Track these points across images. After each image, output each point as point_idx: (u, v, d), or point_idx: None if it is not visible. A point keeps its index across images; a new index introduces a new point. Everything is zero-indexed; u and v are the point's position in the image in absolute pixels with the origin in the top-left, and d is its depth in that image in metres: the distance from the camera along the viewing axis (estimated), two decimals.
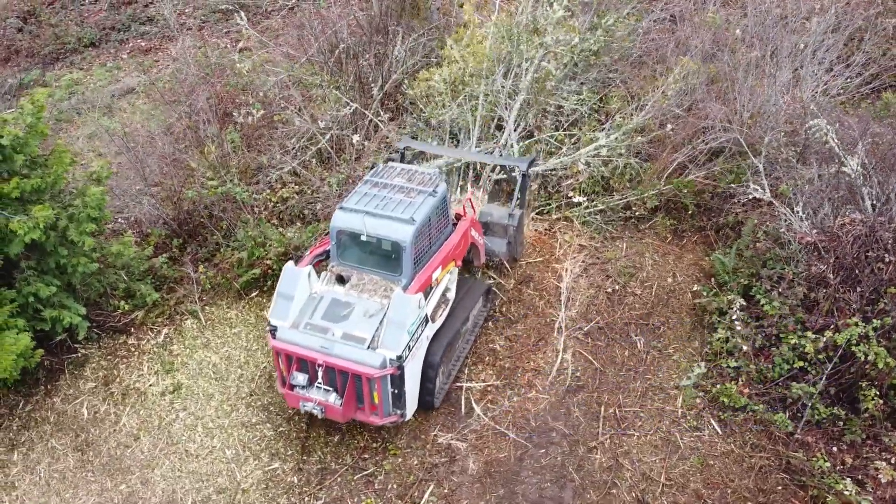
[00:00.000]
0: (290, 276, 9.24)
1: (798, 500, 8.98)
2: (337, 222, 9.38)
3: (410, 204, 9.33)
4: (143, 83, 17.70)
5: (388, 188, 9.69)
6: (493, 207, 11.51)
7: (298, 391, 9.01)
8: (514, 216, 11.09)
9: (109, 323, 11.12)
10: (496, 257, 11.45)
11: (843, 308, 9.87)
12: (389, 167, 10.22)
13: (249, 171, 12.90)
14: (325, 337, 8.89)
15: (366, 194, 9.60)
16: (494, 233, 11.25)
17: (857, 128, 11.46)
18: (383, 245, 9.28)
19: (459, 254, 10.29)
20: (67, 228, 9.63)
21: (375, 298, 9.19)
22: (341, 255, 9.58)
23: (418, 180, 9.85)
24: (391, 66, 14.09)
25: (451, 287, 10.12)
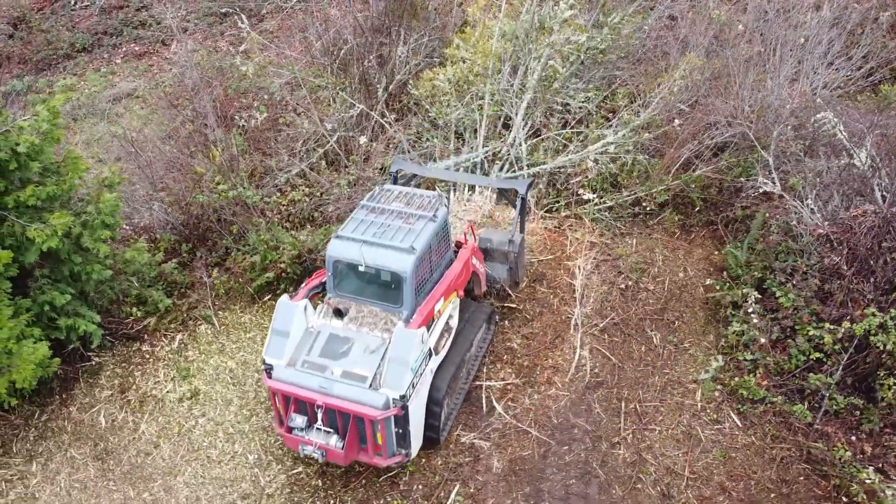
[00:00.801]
0: (284, 311, 8.76)
1: (820, 490, 9.07)
2: (333, 252, 8.87)
3: (410, 231, 8.86)
4: (140, 88, 17.56)
5: (386, 214, 9.20)
6: (493, 232, 11.05)
7: (297, 433, 8.60)
8: (514, 242, 10.63)
9: (122, 330, 11.02)
10: (497, 284, 11.02)
11: (857, 299, 9.97)
12: (386, 190, 9.73)
13: (257, 175, 12.82)
14: (323, 376, 8.45)
15: (363, 221, 9.10)
16: (495, 259, 10.83)
17: (862, 120, 11.62)
18: (382, 275, 8.82)
19: (461, 283, 9.81)
20: (81, 236, 9.53)
21: (376, 332, 8.75)
22: (338, 286, 9.07)
23: (417, 204, 9.38)
24: (394, 66, 14.07)
25: (453, 314, 9.66)
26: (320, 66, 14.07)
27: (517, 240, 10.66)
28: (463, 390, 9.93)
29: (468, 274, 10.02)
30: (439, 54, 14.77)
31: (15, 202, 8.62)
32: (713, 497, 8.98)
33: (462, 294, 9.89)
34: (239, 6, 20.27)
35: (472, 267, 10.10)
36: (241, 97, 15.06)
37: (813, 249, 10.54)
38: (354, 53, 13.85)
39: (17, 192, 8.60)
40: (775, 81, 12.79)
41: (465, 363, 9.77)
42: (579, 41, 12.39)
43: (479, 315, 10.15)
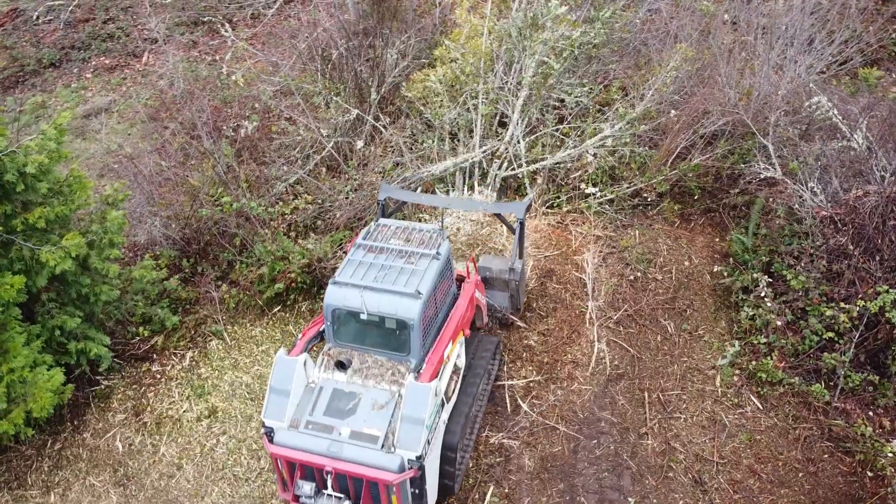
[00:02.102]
0: (282, 368, 8.05)
1: (845, 467, 9.25)
2: (331, 300, 8.19)
3: (413, 273, 8.27)
4: (117, 102, 17.11)
5: (386, 253, 8.57)
6: (492, 259, 10.50)
7: (305, 501, 7.91)
8: (515, 270, 10.10)
9: (129, 351, 10.72)
10: (499, 313, 10.56)
11: (865, 277, 10.21)
12: (383, 226, 9.11)
13: (254, 184, 12.59)
14: (331, 437, 7.76)
15: (361, 263, 8.44)
16: (495, 287, 10.35)
17: (852, 102, 11.92)
18: (387, 323, 8.20)
19: (467, 321, 9.28)
20: (88, 256, 9.22)
21: (383, 385, 8.12)
22: (338, 335, 8.43)
23: (418, 240, 8.78)
24: (384, 70, 13.94)
25: (460, 354, 9.08)
26: (312, 71, 13.85)
27: (518, 267, 10.11)
28: (474, 430, 9.38)
29: (473, 310, 9.54)
30: (427, 55, 14.70)
31: (23, 225, 8.29)
32: (744, 480, 9.10)
33: (468, 333, 9.36)
34: (210, 15, 19.92)
35: (476, 300, 9.60)
36: (226, 107, 14.79)
37: (817, 231, 10.75)
38: (345, 58, 13.68)
39: (24, 215, 8.26)
40: (762, 69, 13.03)
41: (476, 401, 9.25)
42: (573, 37, 12.43)
43: (485, 350, 9.72)
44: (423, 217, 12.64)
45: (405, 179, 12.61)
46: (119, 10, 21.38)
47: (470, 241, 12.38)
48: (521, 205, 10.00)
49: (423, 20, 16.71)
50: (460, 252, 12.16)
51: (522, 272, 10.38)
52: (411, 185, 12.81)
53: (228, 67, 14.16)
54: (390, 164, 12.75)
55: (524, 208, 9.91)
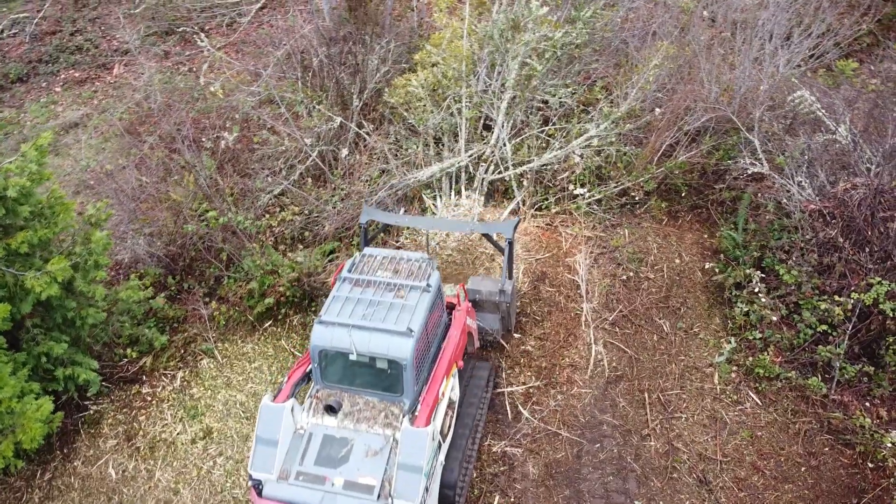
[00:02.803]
0: (269, 416, 7.66)
1: (846, 459, 9.31)
2: (318, 340, 7.80)
3: (404, 308, 7.91)
4: (91, 116, 16.70)
5: (373, 287, 8.20)
6: (481, 281, 10.08)
7: None
8: (505, 292, 9.75)
9: (117, 374, 10.45)
10: (490, 336, 10.29)
11: (856, 269, 10.28)
12: (368, 257, 8.69)
13: (239, 197, 12.34)
14: (323, 489, 7.41)
15: (347, 299, 8.02)
16: (485, 309, 10.04)
17: (833, 94, 12.02)
18: (378, 363, 7.83)
19: (460, 352, 8.93)
20: (73, 279, 8.94)
21: (376, 428, 7.77)
22: (326, 376, 8.05)
23: (406, 271, 8.43)
24: (365, 76, 13.76)
25: (454, 386, 8.75)
26: (292, 80, 13.63)
27: (508, 289, 9.77)
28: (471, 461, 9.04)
29: (465, 340, 9.21)
30: (407, 60, 14.55)
31: (5, 250, 8.00)
32: (748, 477, 9.10)
33: (461, 364, 9.03)
34: (181, 25, 19.56)
35: (467, 327, 9.27)
36: (204, 118, 14.49)
37: (807, 225, 10.81)
38: (324, 66, 13.48)
39: (6, 240, 7.97)
40: (742, 64, 13.10)
41: (471, 433, 9.01)
42: (555, 37, 12.37)
43: (479, 378, 9.48)
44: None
45: (392, 187, 12.46)
46: (86, 22, 20.93)
47: (459, 247, 12.27)
48: (510, 224, 9.67)
49: (399, 23, 16.57)
50: (450, 258, 12.05)
51: (513, 293, 10.09)
52: (398, 192, 12.67)
53: (206, 78, 13.85)
54: (376, 172, 12.58)
55: (512, 228, 9.59)
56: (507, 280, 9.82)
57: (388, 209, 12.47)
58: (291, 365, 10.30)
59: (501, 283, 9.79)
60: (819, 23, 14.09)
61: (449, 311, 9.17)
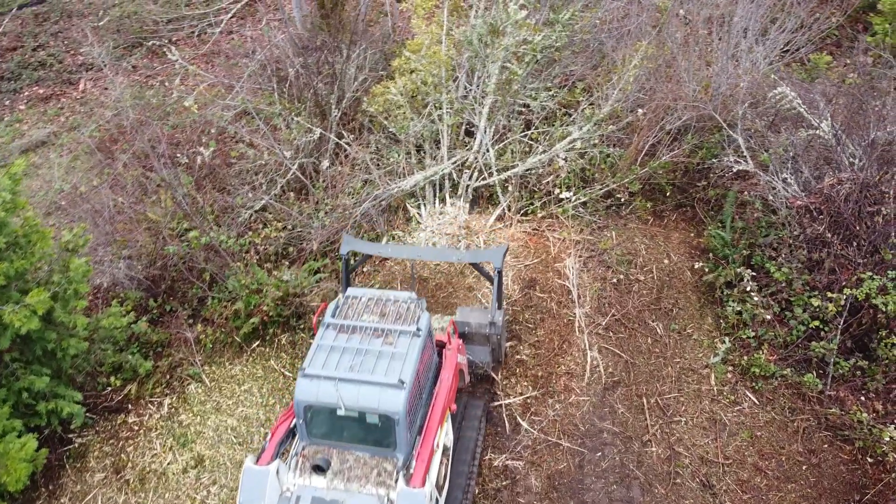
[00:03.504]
0: (252, 480, 7.19)
1: (846, 455, 9.32)
2: (302, 395, 7.28)
3: (393, 357, 7.41)
4: (58, 134, 16.22)
5: (359, 333, 7.70)
6: (469, 312, 9.54)
7: None
8: (496, 324, 9.33)
9: (102, 403, 10.09)
10: (480, 369, 9.87)
11: (844, 264, 10.32)
12: (353, 299, 8.17)
13: (219, 214, 12.03)
14: None
15: (332, 348, 7.53)
16: (474, 341, 9.58)
17: (813, 90, 12.08)
18: (368, 417, 7.35)
19: (453, 395, 8.49)
20: (53, 309, 8.60)
21: (369, 488, 7.30)
22: (312, 431, 7.54)
23: (394, 313, 7.94)
24: (342, 84, 13.52)
25: (448, 431, 8.31)
26: (267, 92, 13.33)
27: (499, 321, 9.33)
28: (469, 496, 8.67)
29: (457, 381, 8.82)
30: (384, 66, 14.34)
31: None
32: (750, 479, 9.07)
33: (454, 408, 8.56)
34: (148, 37, 19.13)
35: (458, 365, 8.87)
36: (178, 132, 14.14)
37: (794, 221, 10.83)
38: (300, 76, 13.21)
39: None
40: (719, 61, 13.12)
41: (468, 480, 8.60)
42: (534, 41, 12.26)
43: (473, 419, 9.11)
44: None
45: (376, 197, 12.24)
46: (49, 36, 20.37)
47: None
48: (498, 252, 9.17)
49: (372, 29, 16.34)
50: (438, 267, 11.88)
51: (503, 323, 9.68)
52: (382, 203, 12.46)
53: (178, 92, 13.50)
54: (359, 183, 12.36)
55: (501, 256, 9.08)
56: (496, 311, 9.36)
57: (373, 221, 12.26)
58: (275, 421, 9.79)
59: (491, 315, 9.33)
60: (792, 18, 14.19)
61: (439, 350, 8.67)
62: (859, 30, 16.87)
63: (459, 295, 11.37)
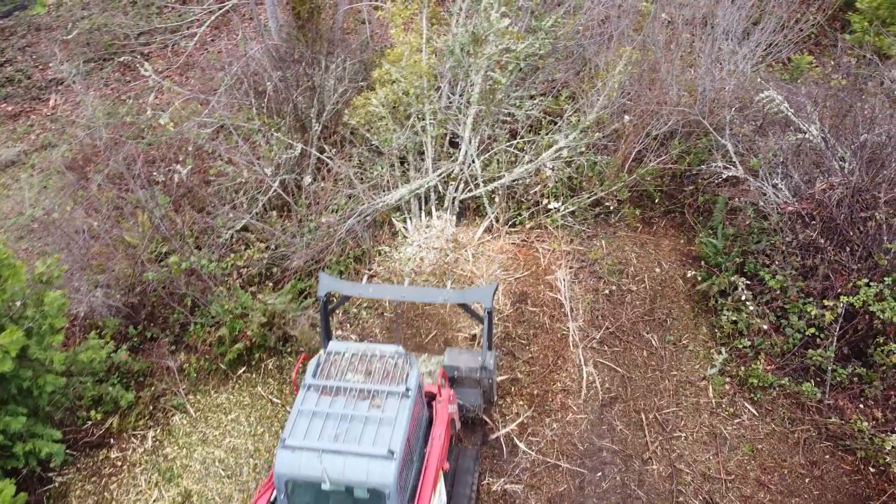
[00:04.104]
0: None
1: (848, 465, 9.20)
2: (283, 468, 6.72)
3: (381, 422, 6.84)
4: (29, 153, 15.72)
5: (343, 395, 7.09)
6: (458, 355, 9.02)
7: None
8: (487, 369, 8.84)
9: (83, 439, 9.70)
10: (471, 413, 9.27)
11: (838, 270, 10.20)
12: (335, 355, 7.54)
13: (199, 236, 11.66)
14: None
15: (315, 414, 6.92)
16: (465, 385, 9.08)
17: (797, 92, 11.97)
18: (356, 491, 6.83)
19: (445, 453, 8.00)
20: (28, 347, 8.20)
21: None
22: None
23: (381, 372, 7.32)
24: (321, 97, 13.19)
25: (441, 490, 7.80)
26: (246, 107, 12.96)
27: (490, 364, 8.85)
28: None
29: (449, 435, 8.35)
30: (364, 77, 14.03)
31: None
32: (754, 495, 8.91)
33: (447, 466, 8.06)
34: (119, 51, 18.64)
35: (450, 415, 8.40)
36: (154, 149, 13.72)
37: (786, 227, 10.70)
38: (279, 90, 12.86)
39: None
40: (703, 63, 12.99)
41: None
42: (517, 49, 12.03)
43: (465, 472, 8.65)
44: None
45: (361, 213, 11.94)
46: (16, 51, 19.79)
47: (435, 270, 11.83)
48: (487, 291, 8.54)
49: (349, 37, 16.01)
50: (427, 283, 11.60)
51: (495, 365, 9.23)
52: (367, 218, 12.16)
53: (153, 109, 13.09)
54: (343, 199, 12.04)
55: (491, 295, 8.49)
56: (487, 352, 8.85)
57: (359, 237, 11.96)
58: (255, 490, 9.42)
59: (482, 359, 8.80)
60: (773, 19, 14.09)
61: (428, 400, 8.15)
62: (837, 28, 16.86)
63: (448, 311, 11.10)
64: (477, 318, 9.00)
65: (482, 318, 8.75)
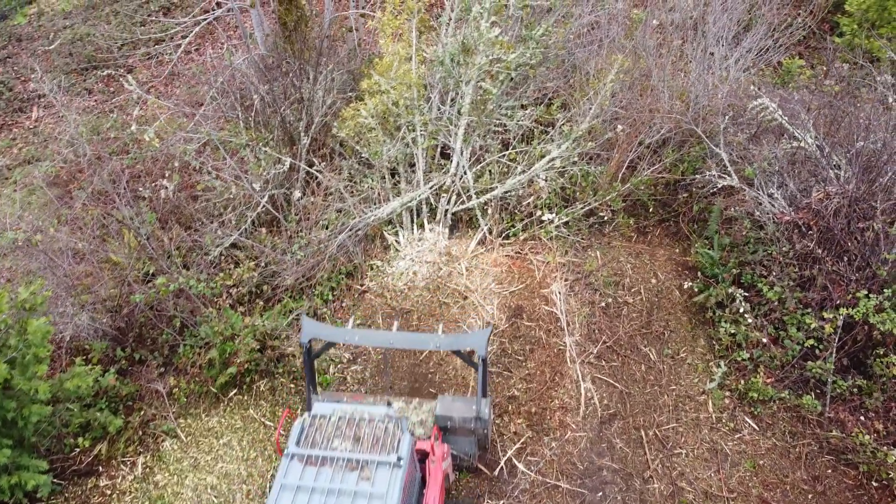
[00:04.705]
0: None
1: (850, 480, 9.10)
2: None
3: (371, 497, 6.44)
4: (11, 167, 15.41)
5: (330, 465, 6.67)
6: (451, 404, 8.55)
7: None
8: (482, 419, 8.40)
9: (70, 467, 9.44)
10: (465, 461, 8.95)
11: (836, 280, 10.10)
12: (320, 419, 7.09)
13: (184, 252, 11.42)
14: None
15: (299, 489, 6.50)
16: (458, 433, 8.67)
17: (790, 98, 11.88)
18: None
19: None
20: (11, 377, 7.96)
21: None
22: None
23: (370, 438, 6.92)
24: (309, 109, 12.97)
25: None
26: (233, 121, 12.72)
27: (486, 413, 8.41)
28: None
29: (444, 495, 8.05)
30: (352, 87, 13.82)
31: None
32: None
33: None
34: (99, 62, 18.33)
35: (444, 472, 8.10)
36: (138, 164, 13.46)
37: (783, 237, 10.59)
38: (266, 102, 12.63)
39: None
40: (695, 69, 12.87)
41: None
42: (508, 59, 11.85)
43: None
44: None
45: (352, 227, 11.74)
46: None
47: (428, 285, 11.65)
48: (481, 337, 7.97)
49: (337, 44, 15.78)
50: (420, 298, 11.43)
51: (490, 413, 8.79)
52: (359, 233, 11.96)
53: (138, 123, 12.82)
54: (333, 214, 11.83)
55: (485, 341, 7.93)
56: (482, 400, 8.41)
57: (350, 252, 11.76)
58: None
59: (477, 408, 8.37)
60: (764, 23, 14.00)
61: (421, 458, 7.76)
62: (826, 30, 16.81)
63: (442, 327, 10.92)
64: (471, 364, 8.50)
65: (476, 365, 8.26)
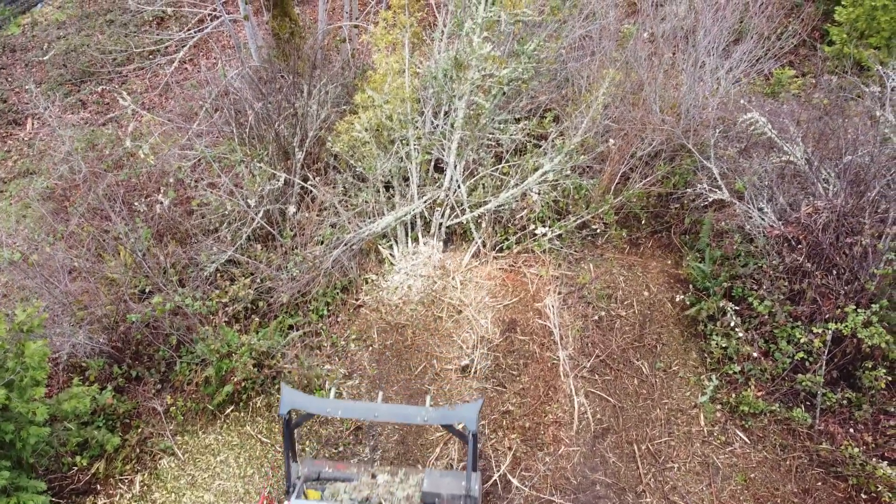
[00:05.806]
0: None
1: (840, 493, 9.23)
2: None
3: None
4: (6, 180, 15.45)
5: None
6: (440, 479, 8.36)
7: None
8: (472, 497, 8.10)
9: (68, 486, 9.51)
10: None
11: (826, 294, 10.23)
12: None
13: (180, 269, 11.49)
14: None
15: None
16: None
17: (782, 112, 12.00)
18: None
19: None
20: (9, 400, 8.02)
21: None
22: None
23: None
24: (303, 123, 13.04)
25: None
26: (227, 136, 12.79)
27: (475, 492, 8.08)
28: None
29: None
30: (346, 100, 13.90)
31: None
32: None
33: None
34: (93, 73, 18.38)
35: None
36: (133, 178, 13.51)
37: (773, 251, 10.72)
38: (260, 118, 12.70)
39: None
40: (686, 83, 12.98)
41: None
42: (500, 74, 11.95)
43: None
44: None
45: (347, 242, 11.83)
46: None
47: (423, 299, 11.75)
48: (472, 410, 7.66)
49: (330, 55, 15.86)
50: (414, 312, 11.52)
51: (480, 490, 8.49)
52: (353, 247, 12.05)
53: (133, 140, 12.87)
54: (328, 230, 11.91)
55: (475, 416, 7.59)
56: (472, 475, 8.12)
57: (345, 267, 11.84)
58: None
59: (467, 485, 8.09)
60: (755, 34, 14.12)
61: None
62: (816, 38, 16.95)
63: (437, 341, 11.03)
64: (461, 438, 8.11)
65: (466, 438, 7.93)
